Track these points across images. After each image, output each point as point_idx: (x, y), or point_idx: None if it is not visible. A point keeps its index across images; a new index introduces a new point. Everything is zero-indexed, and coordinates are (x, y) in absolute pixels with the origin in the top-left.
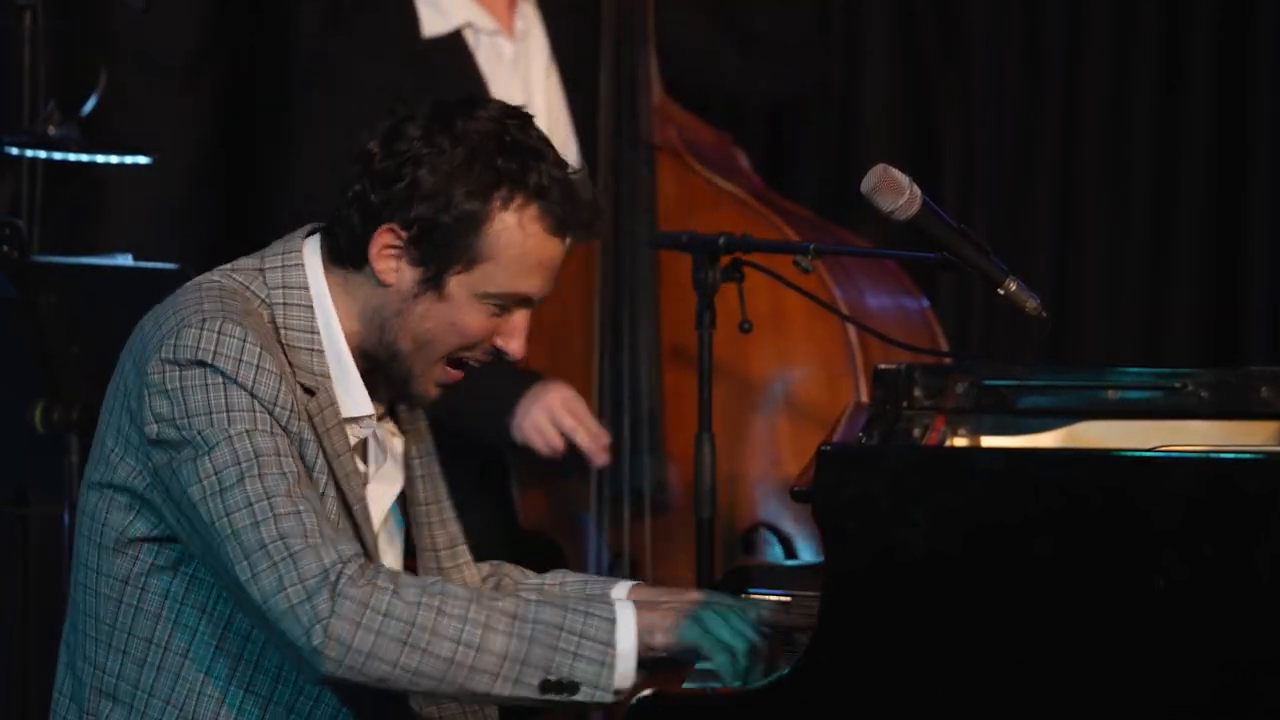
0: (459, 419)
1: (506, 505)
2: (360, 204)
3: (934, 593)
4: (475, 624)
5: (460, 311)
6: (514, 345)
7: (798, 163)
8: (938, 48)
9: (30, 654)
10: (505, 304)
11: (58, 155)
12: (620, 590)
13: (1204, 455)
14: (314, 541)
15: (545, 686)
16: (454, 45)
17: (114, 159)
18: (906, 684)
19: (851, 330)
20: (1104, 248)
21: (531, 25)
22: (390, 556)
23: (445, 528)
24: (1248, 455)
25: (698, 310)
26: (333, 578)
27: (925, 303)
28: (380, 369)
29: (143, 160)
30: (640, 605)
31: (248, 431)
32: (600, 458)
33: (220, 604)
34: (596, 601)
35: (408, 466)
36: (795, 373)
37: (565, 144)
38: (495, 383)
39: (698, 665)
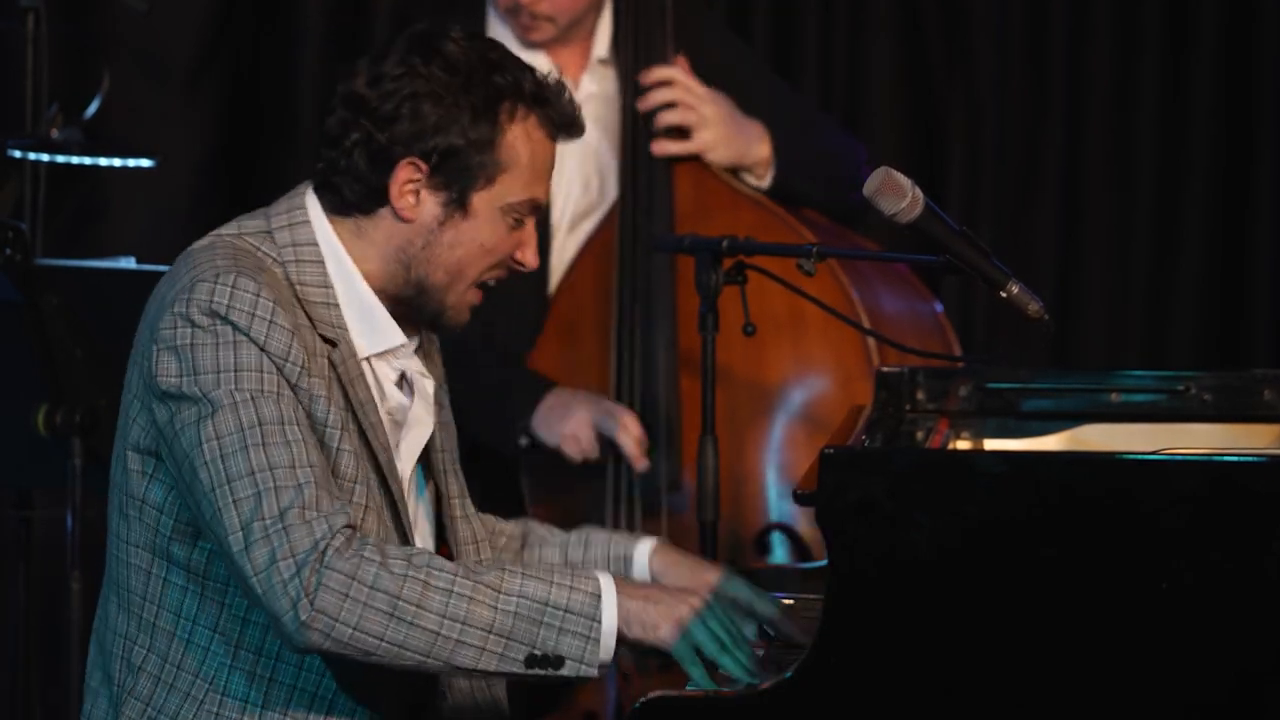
0: (470, 424)
1: (518, 508)
2: (366, 148)
3: (937, 596)
4: (461, 598)
5: (487, 228)
6: (529, 254)
7: None
8: (941, 50)
9: (33, 655)
10: (522, 214)
11: (61, 158)
12: (644, 548)
13: (1207, 458)
14: (309, 516)
15: (531, 661)
16: None
17: (117, 162)
18: (910, 686)
19: None
20: (1107, 251)
21: (604, 90)
22: (412, 501)
23: (457, 476)
24: (1251, 458)
25: (700, 313)
26: (321, 549)
27: (939, 306)
28: (407, 306)
29: (146, 163)
30: (624, 589)
31: (254, 396)
32: (641, 463)
33: None
34: (581, 575)
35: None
36: (811, 375)
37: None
38: (510, 389)
39: (688, 686)
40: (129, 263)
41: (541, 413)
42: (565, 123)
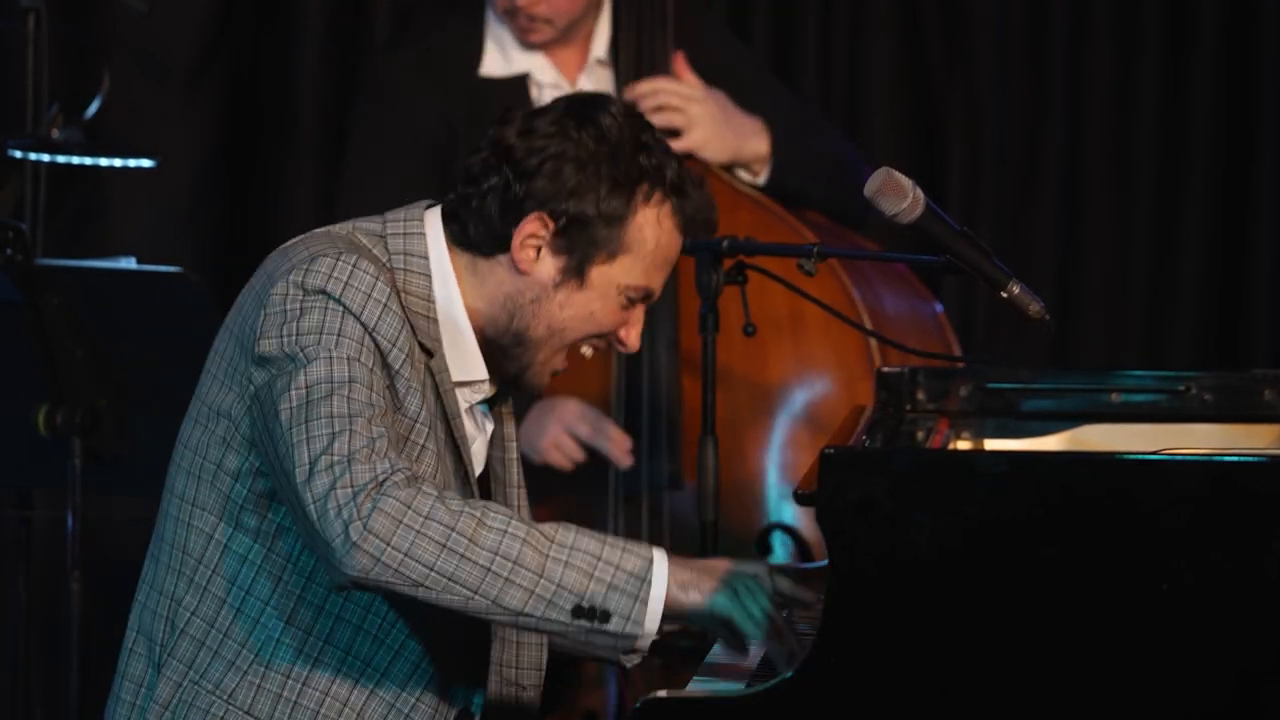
0: None
1: None
2: (501, 194)
3: (937, 596)
4: (515, 538)
5: (599, 301)
6: (633, 337)
7: None
8: (941, 50)
9: (33, 655)
10: (635, 297)
11: (61, 158)
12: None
13: (1208, 458)
14: (375, 458)
15: (578, 612)
16: (515, 89)
17: (117, 162)
18: (910, 687)
19: None
20: (1107, 251)
21: (601, 88)
22: None
23: (528, 511)
24: (1252, 458)
25: (701, 313)
26: (380, 480)
27: (939, 307)
28: (499, 353)
29: (146, 163)
30: (675, 560)
31: (349, 358)
32: (624, 461)
33: (306, 553)
34: (633, 541)
35: (503, 449)
36: (812, 376)
37: None
38: None
39: (706, 660)
40: (129, 263)
41: (525, 428)
42: (698, 219)
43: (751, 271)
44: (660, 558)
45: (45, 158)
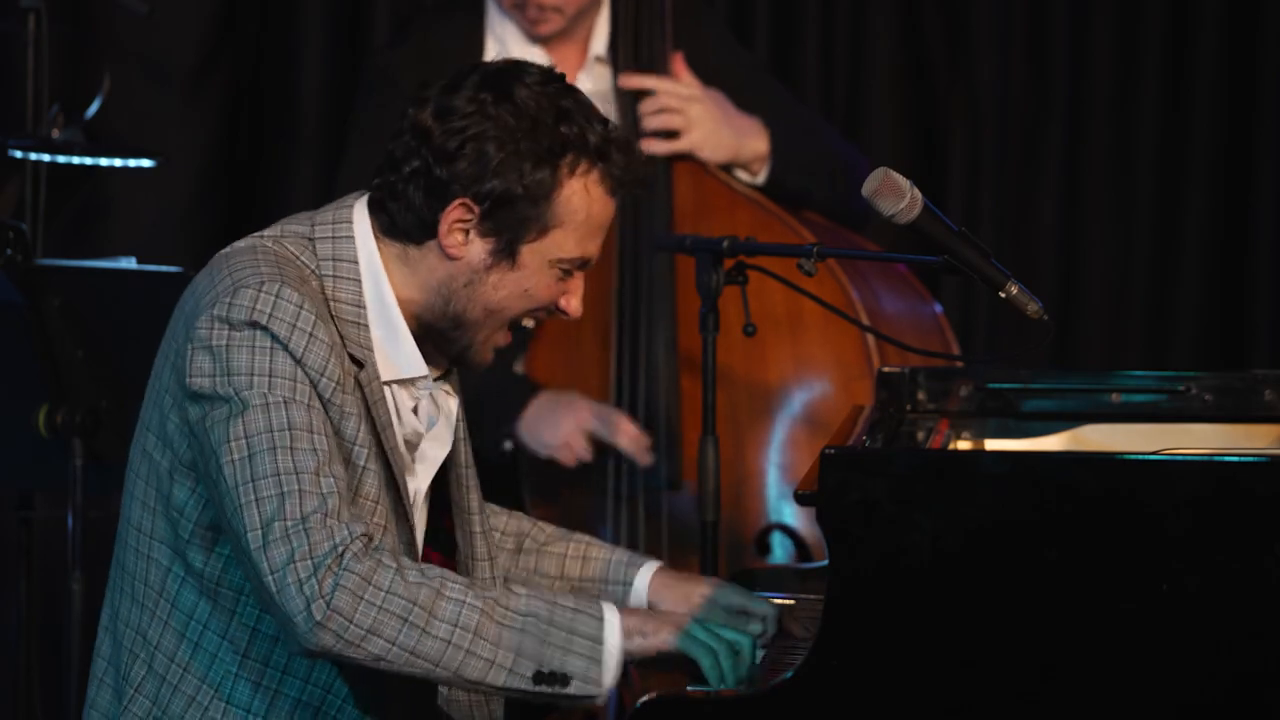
0: None
1: (518, 509)
2: (424, 180)
3: (937, 596)
4: (473, 609)
5: (532, 278)
6: (574, 304)
7: None
8: (941, 50)
9: (33, 655)
10: (571, 269)
11: (62, 159)
12: (644, 576)
13: (1209, 458)
14: (330, 522)
15: (539, 678)
16: None
17: (118, 162)
18: (910, 687)
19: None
20: (1108, 251)
21: (601, 89)
22: (418, 518)
23: (478, 491)
24: (1253, 458)
25: (701, 313)
26: (339, 552)
27: (939, 307)
28: (438, 337)
29: (147, 163)
30: (625, 611)
31: (285, 401)
32: (645, 458)
33: None
34: (584, 600)
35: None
36: (812, 376)
37: None
38: (493, 392)
39: (689, 688)
40: (129, 263)
41: (528, 419)
42: (629, 180)
43: (749, 271)
44: (610, 614)
45: (45, 158)
